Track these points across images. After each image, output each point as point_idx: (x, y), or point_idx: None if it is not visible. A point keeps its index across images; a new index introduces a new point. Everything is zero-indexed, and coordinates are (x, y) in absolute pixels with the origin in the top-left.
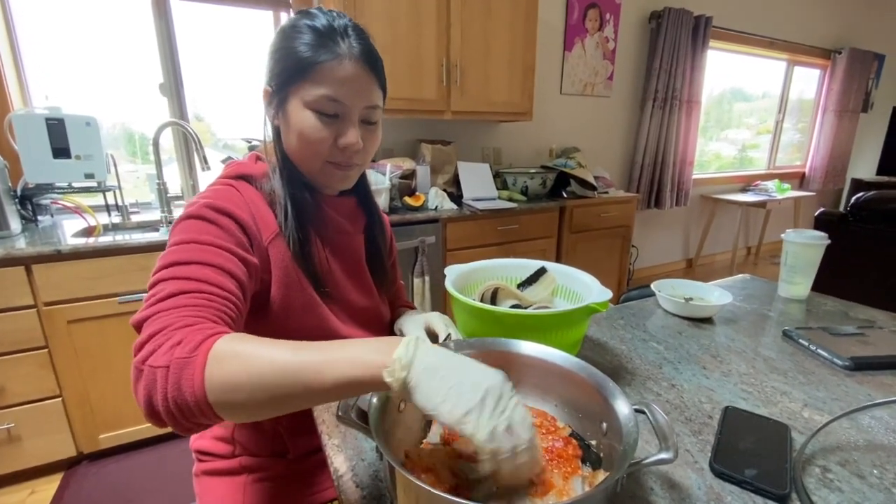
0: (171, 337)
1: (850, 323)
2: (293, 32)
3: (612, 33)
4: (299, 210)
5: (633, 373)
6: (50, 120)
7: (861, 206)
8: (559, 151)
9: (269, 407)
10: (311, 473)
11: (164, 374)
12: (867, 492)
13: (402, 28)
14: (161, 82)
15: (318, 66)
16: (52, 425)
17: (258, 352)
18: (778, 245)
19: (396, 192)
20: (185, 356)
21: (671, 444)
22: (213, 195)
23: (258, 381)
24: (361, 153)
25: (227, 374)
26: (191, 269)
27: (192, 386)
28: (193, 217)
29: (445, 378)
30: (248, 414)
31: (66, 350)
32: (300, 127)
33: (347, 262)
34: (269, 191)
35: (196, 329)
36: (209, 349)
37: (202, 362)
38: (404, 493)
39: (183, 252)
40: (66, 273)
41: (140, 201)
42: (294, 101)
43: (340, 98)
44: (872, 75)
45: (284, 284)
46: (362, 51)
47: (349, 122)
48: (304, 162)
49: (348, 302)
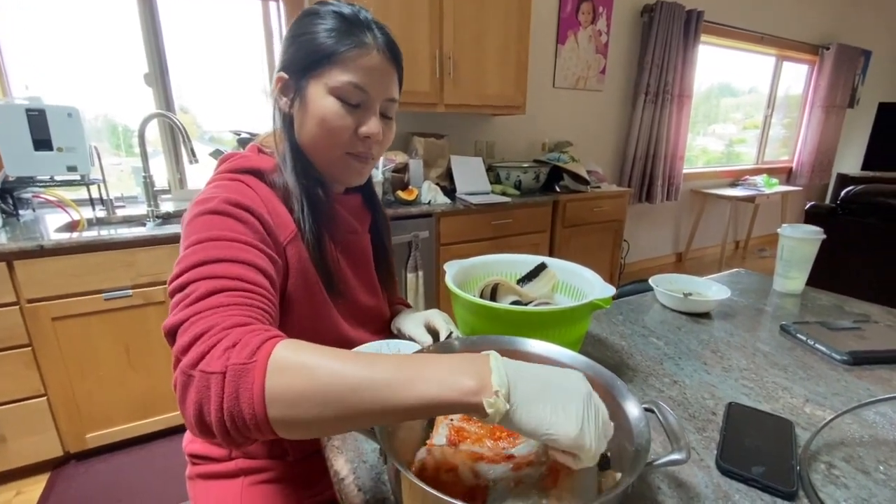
0: (225, 337)
1: (846, 317)
2: (318, 18)
3: (604, 27)
4: (314, 207)
5: (635, 369)
6: (30, 111)
7: (850, 200)
8: (552, 145)
9: (334, 425)
10: (309, 475)
11: (219, 381)
12: (873, 488)
13: (394, 19)
14: (146, 72)
15: (345, 52)
16: (37, 425)
17: (327, 363)
18: (765, 239)
19: (389, 186)
20: (243, 361)
21: (683, 445)
22: (227, 190)
23: (327, 396)
24: (378, 146)
25: (291, 387)
26: (222, 268)
27: (250, 397)
28: (212, 213)
29: (544, 400)
30: (308, 431)
31: (51, 348)
32: (322, 113)
33: (356, 261)
34: (283, 186)
35: (250, 330)
36: (268, 355)
37: (262, 370)
38: (410, 497)
39: (208, 250)
40: (50, 269)
41: (125, 195)
42: (316, 88)
43: (366, 87)
44: (859, 71)
45: (301, 287)
46: (387, 43)
47: (371, 112)
48: (321, 152)
49: (356, 302)
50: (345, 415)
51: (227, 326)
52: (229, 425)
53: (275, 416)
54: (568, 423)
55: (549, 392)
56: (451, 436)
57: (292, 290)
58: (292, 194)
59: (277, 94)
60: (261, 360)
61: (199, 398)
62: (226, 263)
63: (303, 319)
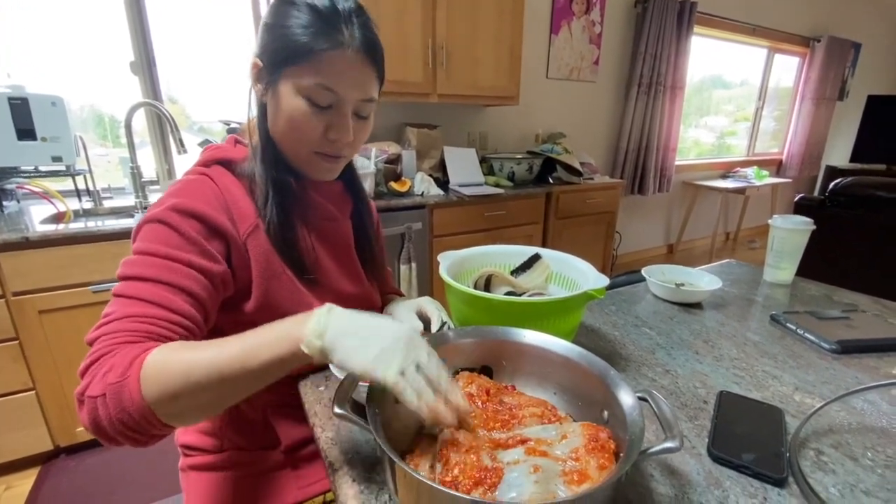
0: (103, 366)
1: (835, 307)
2: (294, 10)
3: (598, 17)
4: (283, 194)
5: (628, 359)
6: (13, 99)
7: (839, 192)
8: (545, 137)
9: (212, 405)
10: (301, 466)
11: (103, 401)
12: (861, 474)
13: (386, 8)
14: (132, 60)
15: (316, 53)
16: (26, 419)
17: (185, 357)
18: (754, 231)
19: (382, 178)
20: (117, 380)
21: (676, 433)
22: (182, 192)
23: (194, 384)
24: (350, 146)
25: (163, 386)
26: (144, 289)
27: (133, 404)
28: (156, 221)
29: (357, 336)
30: (195, 416)
31: (38, 341)
32: (290, 113)
33: (335, 248)
34: (250, 175)
35: (122, 355)
36: (139, 369)
37: (135, 380)
38: (405, 488)
39: (140, 266)
40: (36, 261)
41: (113, 186)
42: (286, 85)
43: (336, 89)
44: (849, 63)
45: (266, 277)
46: (365, 41)
47: (342, 114)
48: (289, 148)
49: (337, 290)
50: (219, 393)
51: (111, 354)
52: (126, 431)
53: (163, 414)
54: (366, 355)
55: (366, 332)
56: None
57: (258, 280)
58: (257, 184)
59: (253, 81)
60: (132, 374)
61: (90, 417)
62: (149, 284)
63: (277, 309)
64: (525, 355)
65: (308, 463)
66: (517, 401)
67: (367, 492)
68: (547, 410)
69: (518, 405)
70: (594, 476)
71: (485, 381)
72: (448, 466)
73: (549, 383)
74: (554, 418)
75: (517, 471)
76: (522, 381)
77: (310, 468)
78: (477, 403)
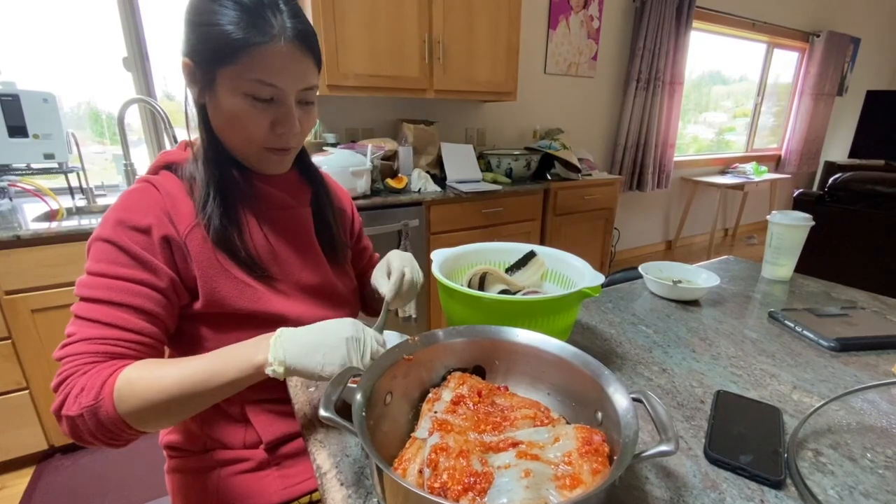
0: (74, 385)
1: (833, 304)
2: (216, 5)
3: (596, 12)
4: (226, 192)
5: (624, 357)
6: (3, 96)
7: (838, 187)
8: (543, 133)
9: (187, 412)
10: (286, 465)
11: (81, 421)
12: (860, 475)
13: (382, 2)
14: (125, 56)
15: (248, 49)
16: (20, 419)
17: (153, 375)
18: (753, 227)
19: (378, 174)
20: (91, 403)
21: (672, 436)
22: (124, 206)
23: (169, 400)
24: (298, 135)
25: (135, 406)
26: (99, 311)
27: (109, 418)
28: (103, 240)
29: (314, 352)
30: (165, 422)
31: (32, 341)
32: (232, 112)
33: (294, 238)
34: (190, 177)
35: (92, 375)
36: (111, 389)
37: (109, 399)
38: (392, 494)
39: (94, 288)
40: (28, 260)
41: (107, 183)
42: (224, 85)
43: (276, 83)
44: (848, 59)
45: (209, 276)
46: (297, 29)
47: (286, 107)
48: (238, 146)
49: (296, 281)
50: (189, 405)
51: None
52: (105, 439)
53: (139, 425)
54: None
55: (319, 345)
56: (434, 428)
57: (202, 280)
58: (197, 185)
59: (187, 82)
60: (105, 394)
61: (71, 431)
62: (104, 307)
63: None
64: (518, 355)
65: (293, 462)
66: (509, 402)
67: (354, 496)
68: (540, 412)
69: (510, 407)
70: (587, 481)
71: (477, 381)
72: (437, 472)
73: (542, 384)
74: (547, 420)
75: (507, 475)
76: (515, 382)
77: (295, 467)
78: (468, 405)
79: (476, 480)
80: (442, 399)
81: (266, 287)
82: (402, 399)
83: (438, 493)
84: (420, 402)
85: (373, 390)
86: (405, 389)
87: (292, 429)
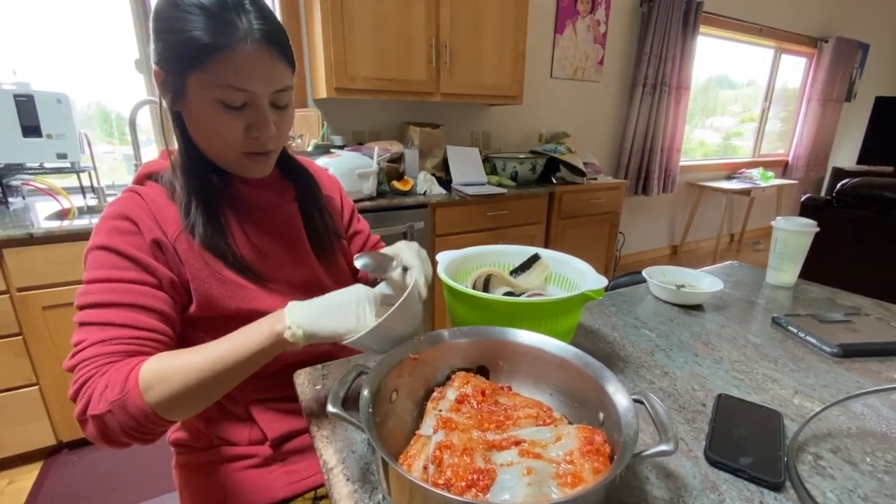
0: (96, 386)
1: (837, 310)
2: (179, 11)
3: (603, 17)
4: (206, 198)
5: (626, 360)
6: (18, 96)
7: (846, 193)
8: (549, 136)
9: (213, 395)
10: (292, 461)
11: (110, 417)
12: (859, 479)
13: (389, 6)
14: (137, 58)
15: (215, 54)
16: (29, 414)
17: (178, 362)
18: (759, 232)
19: (384, 176)
20: (118, 396)
21: (671, 436)
22: (114, 213)
23: (196, 385)
24: (276, 138)
25: (163, 393)
26: (108, 314)
27: (138, 410)
28: (100, 248)
29: (328, 313)
30: (195, 409)
31: (42, 337)
32: (206, 120)
33: (281, 236)
34: (170, 185)
35: (114, 373)
36: (137, 381)
37: (136, 391)
38: (398, 488)
39: (98, 294)
40: (40, 258)
41: (117, 183)
42: (194, 92)
43: (247, 87)
44: (857, 64)
45: (201, 278)
46: (265, 29)
47: (259, 110)
48: (216, 153)
49: (285, 279)
50: (214, 387)
51: (100, 375)
52: (136, 434)
53: (166, 413)
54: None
55: (329, 308)
56: (439, 426)
57: (194, 283)
58: (177, 194)
59: (160, 90)
60: (132, 387)
61: (99, 431)
62: (113, 309)
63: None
64: (522, 356)
65: (298, 457)
66: (513, 402)
67: (360, 491)
68: (542, 412)
69: (513, 406)
70: (588, 479)
71: (481, 381)
72: (441, 468)
73: (545, 384)
74: (549, 420)
75: (510, 473)
76: (519, 382)
77: (300, 463)
78: (472, 404)
79: (479, 477)
80: (446, 398)
81: (258, 287)
82: (407, 397)
83: (442, 489)
84: (425, 400)
85: (379, 387)
86: (410, 388)
87: (296, 426)
